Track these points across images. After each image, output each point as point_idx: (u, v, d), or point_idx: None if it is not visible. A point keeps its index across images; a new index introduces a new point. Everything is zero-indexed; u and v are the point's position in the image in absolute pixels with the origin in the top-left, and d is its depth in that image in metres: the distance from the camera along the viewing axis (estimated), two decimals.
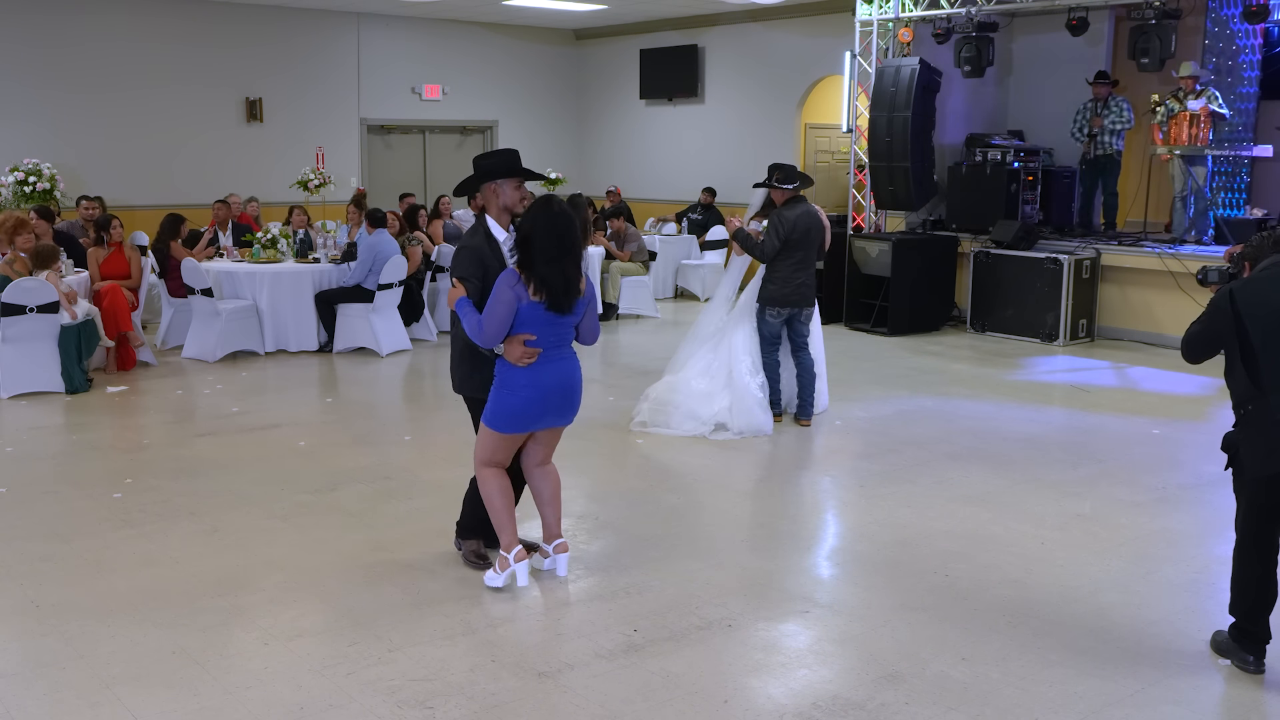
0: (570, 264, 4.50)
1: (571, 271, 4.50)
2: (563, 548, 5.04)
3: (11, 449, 7.19)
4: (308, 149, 14.55)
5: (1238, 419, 4.19)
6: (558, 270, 4.47)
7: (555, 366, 4.65)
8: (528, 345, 4.53)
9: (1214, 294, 4.49)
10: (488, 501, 4.83)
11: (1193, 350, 4.33)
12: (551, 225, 4.46)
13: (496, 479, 4.80)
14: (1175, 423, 8.11)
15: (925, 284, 11.84)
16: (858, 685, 4.08)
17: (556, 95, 17.34)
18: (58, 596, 4.81)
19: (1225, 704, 4.05)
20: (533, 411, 4.66)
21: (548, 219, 4.47)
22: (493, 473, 4.81)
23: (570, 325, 4.67)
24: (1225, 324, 4.12)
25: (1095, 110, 11.33)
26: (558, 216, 4.49)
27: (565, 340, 4.69)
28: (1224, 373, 4.25)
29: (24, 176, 12.01)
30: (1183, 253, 10.44)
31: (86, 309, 8.88)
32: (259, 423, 7.95)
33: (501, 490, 4.79)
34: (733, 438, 7.43)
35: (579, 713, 3.87)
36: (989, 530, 5.75)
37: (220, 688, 4.01)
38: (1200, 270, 4.75)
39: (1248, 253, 4.33)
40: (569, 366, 4.72)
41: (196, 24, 14.25)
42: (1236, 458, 4.19)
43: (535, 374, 4.61)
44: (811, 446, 7.40)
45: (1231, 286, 4.15)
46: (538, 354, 4.56)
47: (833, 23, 13.49)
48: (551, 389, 4.65)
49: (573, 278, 4.51)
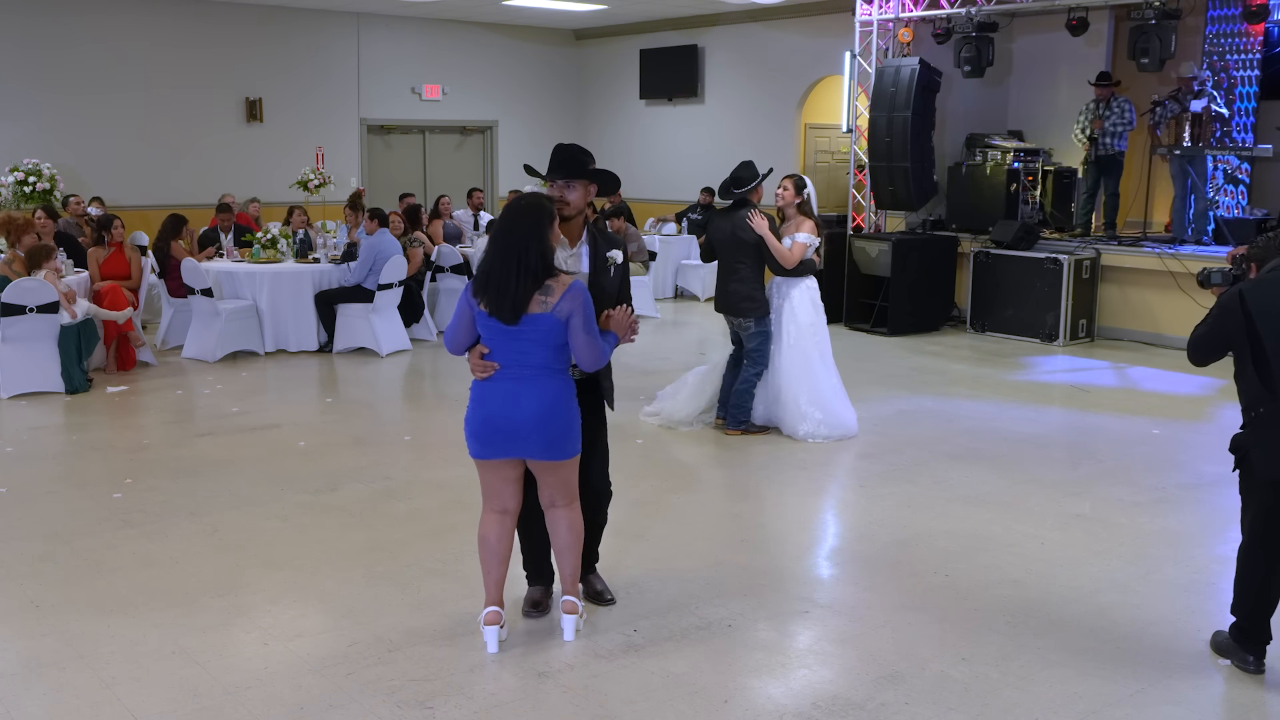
0: (513, 267, 3.94)
1: (512, 277, 3.94)
2: (569, 607, 4.37)
3: (11, 449, 7.19)
4: (308, 149, 14.55)
5: (1247, 421, 4.15)
6: (496, 273, 3.97)
7: (504, 388, 4.08)
8: (485, 359, 4.10)
9: (1218, 295, 4.47)
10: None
11: (1199, 352, 4.30)
12: (499, 225, 4.06)
13: (483, 523, 4.29)
14: (1175, 423, 8.10)
15: (925, 284, 11.84)
16: (858, 685, 4.07)
17: (556, 95, 17.34)
18: (58, 596, 4.81)
19: (1225, 704, 4.05)
20: (481, 434, 4.13)
21: (501, 219, 4.09)
22: (484, 515, 4.30)
23: (535, 342, 4.03)
24: (1235, 326, 4.08)
25: (1097, 111, 11.33)
26: (506, 216, 4.06)
27: (530, 360, 4.05)
28: (1233, 375, 4.21)
29: (24, 176, 12.01)
30: (1183, 253, 10.44)
31: (86, 308, 8.88)
32: (259, 423, 7.94)
33: (483, 537, 4.28)
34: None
35: (579, 713, 3.87)
36: (989, 530, 5.74)
37: (220, 688, 4.01)
38: (1201, 272, 4.71)
39: (1253, 254, 4.29)
40: (520, 390, 4.06)
41: (196, 24, 14.25)
42: (1246, 460, 4.15)
43: (482, 392, 4.14)
44: (812, 446, 7.40)
45: (1241, 288, 4.11)
46: (491, 369, 4.09)
47: (833, 23, 13.49)
48: (494, 413, 4.09)
49: (512, 284, 3.94)
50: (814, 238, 7.36)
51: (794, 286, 7.41)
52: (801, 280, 7.41)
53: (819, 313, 7.51)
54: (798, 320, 7.39)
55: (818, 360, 7.44)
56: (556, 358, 4.08)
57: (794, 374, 7.41)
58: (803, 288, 7.43)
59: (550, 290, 4.00)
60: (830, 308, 12.30)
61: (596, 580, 4.78)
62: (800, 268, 7.35)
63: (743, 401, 7.53)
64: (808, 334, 7.42)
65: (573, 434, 4.17)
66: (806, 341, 7.41)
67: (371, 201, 12.83)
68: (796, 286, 7.41)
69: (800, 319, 7.40)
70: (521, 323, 4.00)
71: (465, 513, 5.91)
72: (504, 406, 4.07)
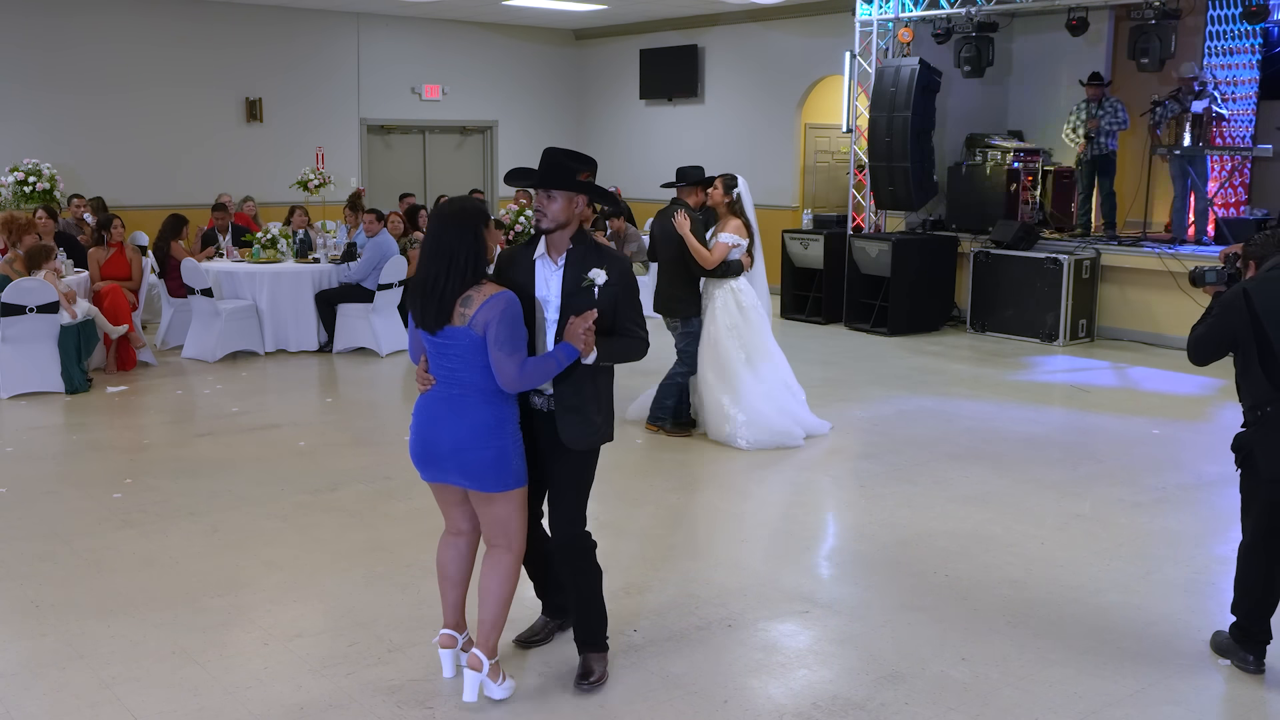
0: (443, 269, 3.64)
1: (441, 280, 3.64)
2: (473, 662, 3.85)
3: (11, 449, 7.19)
4: (308, 149, 14.54)
5: (1252, 420, 4.12)
6: (423, 279, 3.70)
7: (432, 407, 3.80)
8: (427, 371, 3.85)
9: (1211, 294, 4.46)
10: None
11: (1201, 352, 4.27)
12: (430, 229, 3.79)
13: (440, 544, 4.07)
14: (1175, 423, 8.10)
15: (925, 284, 11.84)
16: (858, 685, 4.08)
17: (556, 95, 17.33)
18: (58, 596, 4.81)
19: (1225, 704, 4.05)
20: (414, 453, 3.86)
21: (431, 221, 3.81)
22: (442, 535, 4.08)
23: (458, 359, 3.69)
24: (1240, 324, 4.06)
25: (1090, 111, 11.34)
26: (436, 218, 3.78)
27: (458, 379, 3.72)
28: (1236, 374, 4.19)
29: (24, 176, 12.00)
30: (1183, 253, 10.44)
31: (86, 309, 8.88)
32: (259, 423, 7.94)
33: (438, 560, 4.05)
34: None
35: (579, 713, 3.87)
36: (989, 530, 5.74)
37: (220, 688, 4.01)
38: (1194, 270, 4.66)
39: (1252, 251, 4.26)
40: (444, 412, 3.76)
41: (196, 24, 14.24)
42: (1249, 459, 4.13)
43: (418, 409, 3.87)
44: (812, 447, 7.40)
45: (1245, 286, 4.08)
46: (429, 383, 3.82)
47: (833, 23, 13.48)
48: (422, 433, 3.82)
49: (439, 289, 3.64)
50: (738, 238, 7.23)
51: (718, 288, 7.34)
52: (726, 282, 7.30)
53: (748, 315, 7.32)
54: (717, 322, 7.30)
55: (742, 364, 7.28)
56: (487, 378, 3.67)
57: (713, 376, 7.36)
58: (726, 289, 7.31)
59: (470, 301, 3.64)
60: (830, 308, 12.47)
61: (592, 660, 4.07)
62: (724, 269, 7.25)
63: (662, 399, 7.56)
64: (728, 336, 7.27)
65: (501, 466, 3.71)
66: (727, 344, 7.27)
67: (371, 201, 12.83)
68: (720, 288, 7.33)
69: (720, 320, 7.29)
70: (444, 335, 3.68)
71: None
72: (429, 427, 3.79)
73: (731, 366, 7.28)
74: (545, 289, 3.87)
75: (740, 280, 7.33)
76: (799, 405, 7.54)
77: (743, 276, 7.34)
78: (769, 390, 7.36)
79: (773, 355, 7.44)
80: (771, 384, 7.39)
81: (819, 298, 12.51)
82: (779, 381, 7.45)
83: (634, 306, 3.93)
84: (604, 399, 3.96)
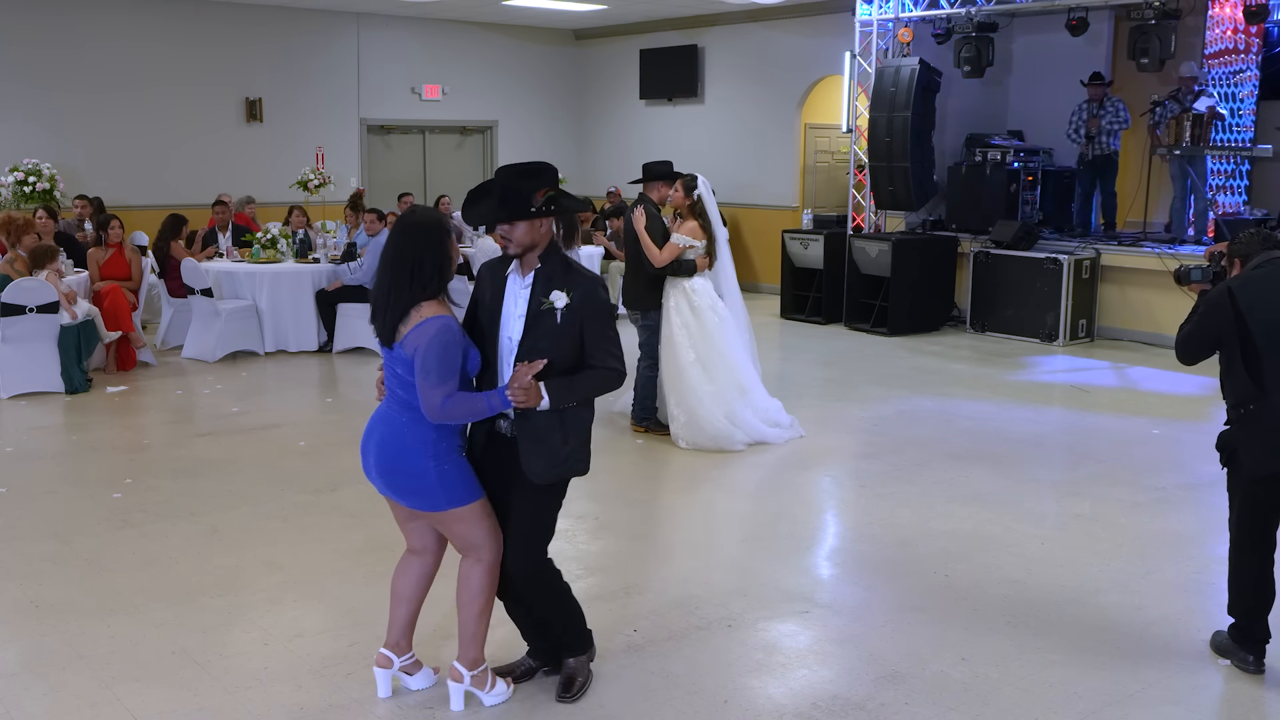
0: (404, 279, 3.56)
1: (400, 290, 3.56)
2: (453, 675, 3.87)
3: (11, 449, 7.19)
4: (308, 149, 14.54)
5: (1235, 419, 4.14)
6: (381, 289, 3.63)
7: (373, 417, 3.77)
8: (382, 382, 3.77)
9: (1196, 293, 4.47)
10: None
11: (1188, 351, 4.28)
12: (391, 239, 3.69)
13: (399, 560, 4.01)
14: (1175, 423, 8.10)
15: (925, 284, 11.84)
16: (858, 685, 4.08)
17: (556, 95, 17.33)
18: (58, 596, 4.81)
19: (1225, 704, 4.05)
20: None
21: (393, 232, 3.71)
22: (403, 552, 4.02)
23: (392, 373, 3.65)
24: (1225, 323, 4.08)
25: (1092, 111, 11.34)
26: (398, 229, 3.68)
27: (395, 393, 3.66)
28: (1220, 372, 4.21)
29: (24, 176, 12.00)
30: (1182, 253, 10.43)
31: (86, 309, 8.88)
32: (259, 423, 7.94)
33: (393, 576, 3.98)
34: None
35: (579, 713, 3.87)
36: (989, 530, 5.74)
37: (220, 688, 4.01)
38: (1179, 268, 4.66)
39: (1236, 250, 4.27)
40: (374, 422, 3.73)
41: (196, 24, 14.24)
42: (1234, 457, 4.15)
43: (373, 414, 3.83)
44: (811, 446, 7.40)
45: (1230, 285, 4.10)
46: (381, 393, 3.77)
47: (833, 23, 13.48)
48: (363, 437, 3.80)
49: (394, 298, 3.57)
50: (691, 240, 7.24)
51: (673, 287, 7.35)
52: (681, 281, 7.31)
53: (701, 315, 7.30)
54: (670, 321, 7.33)
55: (691, 363, 7.26)
56: (415, 395, 3.58)
57: (665, 373, 7.41)
58: (681, 289, 7.31)
59: (409, 320, 3.56)
60: (830, 308, 12.47)
61: (574, 667, 3.98)
62: (678, 268, 7.28)
63: (642, 398, 7.62)
64: (680, 334, 7.27)
65: (441, 485, 3.62)
66: (679, 342, 7.28)
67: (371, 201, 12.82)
68: (675, 287, 7.34)
69: (673, 319, 7.32)
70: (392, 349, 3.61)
71: None
72: (365, 439, 3.77)
73: (680, 365, 7.29)
74: (514, 305, 3.69)
75: (696, 280, 7.32)
76: (752, 411, 7.37)
77: (700, 277, 7.33)
78: (718, 392, 7.30)
79: (729, 357, 7.35)
80: (723, 386, 7.32)
81: (819, 298, 12.51)
82: (733, 385, 7.35)
83: (602, 333, 3.66)
84: (574, 428, 3.70)
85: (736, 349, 7.40)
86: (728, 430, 7.24)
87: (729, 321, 7.40)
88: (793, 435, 7.49)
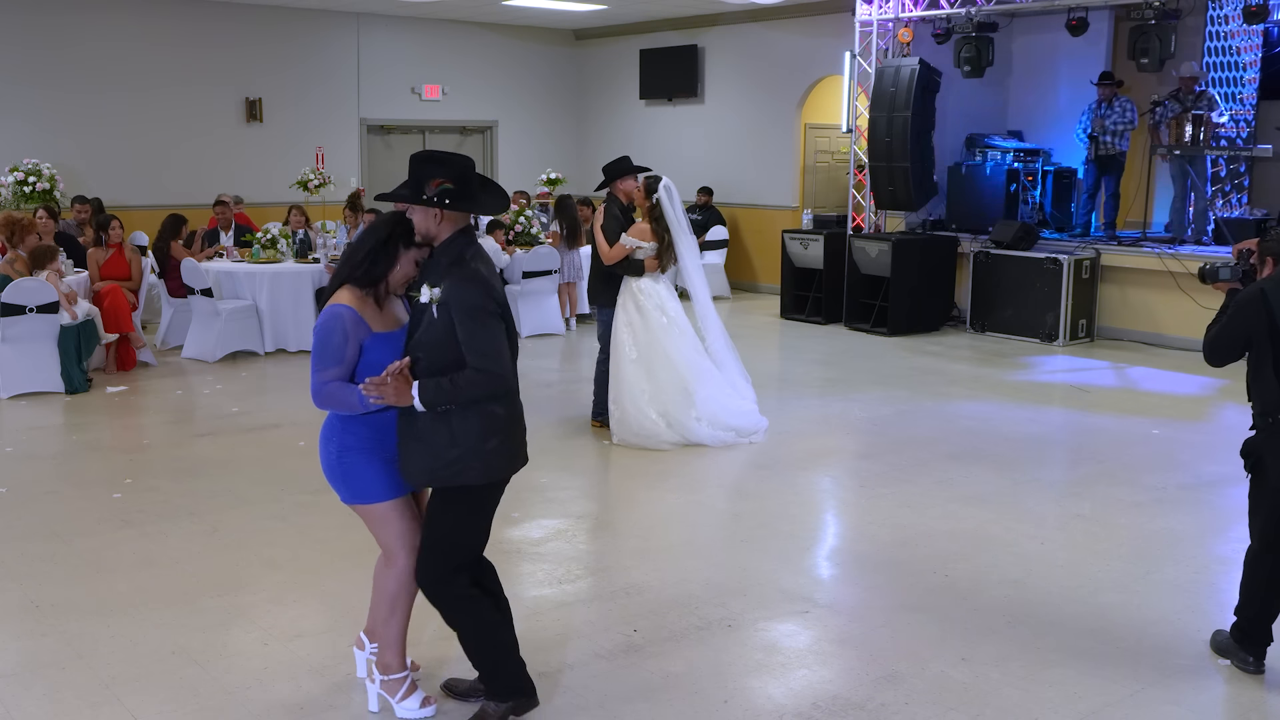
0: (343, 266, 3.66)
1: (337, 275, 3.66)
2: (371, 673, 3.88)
3: (11, 449, 7.19)
4: (308, 149, 14.53)
5: (1263, 426, 4.05)
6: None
7: None
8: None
9: (1224, 291, 4.35)
10: None
11: (1216, 353, 4.16)
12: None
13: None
14: (1175, 423, 8.10)
15: (925, 284, 11.84)
16: (858, 685, 4.07)
17: (556, 95, 17.33)
18: (58, 596, 4.81)
19: (1225, 704, 4.05)
20: None
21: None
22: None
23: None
24: (1257, 324, 3.97)
25: (1099, 110, 11.34)
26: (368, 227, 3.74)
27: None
28: (1248, 376, 4.12)
29: (24, 176, 12.00)
30: (1182, 253, 10.44)
31: (86, 309, 8.88)
32: (259, 423, 7.94)
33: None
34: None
35: (579, 713, 3.87)
36: (989, 530, 5.74)
37: (220, 688, 4.01)
38: (1204, 265, 4.45)
39: (1269, 248, 4.12)
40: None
41: (196, 24, 14.24)
42: (1260, 465, 4.07)
43: None
44: (812, 447, 7.40)
45: (1263, 286, 3.99)
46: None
47: (833, 23, 13.48)
48: None
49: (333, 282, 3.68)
50: (639, 241, 7.28)
51: (625, 286, 7.41)
52: (631, 281, 7.37)
53: (647, 316, 7.32)
54: (618, 319, 7.41)
55: (631, 362, 7.30)
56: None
57: (610, 370, 7.48)
58: (630, 289, 7.37)
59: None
60: (830, 308, 12.47)
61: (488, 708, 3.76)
62: (627, 268, 7.34)
63: (597, 393, 7.68)
64: (624, 334, 7.35)
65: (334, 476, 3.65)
66: (623, 339, 7.34)
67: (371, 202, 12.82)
68: (627, 286, 7.40)
69: (619, 318, 7.40)
70: None
71: None
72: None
73: (620, 362, 7.36)
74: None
75: (644, 281, 7.35)
76: (689, 415, 7.30)
77: (650, 279, 7.36)
78: (655, 392, 7.31)
79: (673, 358, 7.32)
80: (662, 386, 7.32)
81: (819, 298, 12.51)
82: (675, 386, 7.32)
83: (470, 333, 3.42)
84: (461, 431, 3.47)
85: (684, 351, 7.36)
86: (655, 429, 7.27)
87: (680, 324, 7.39)
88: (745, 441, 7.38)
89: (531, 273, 11.53)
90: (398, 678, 3.82)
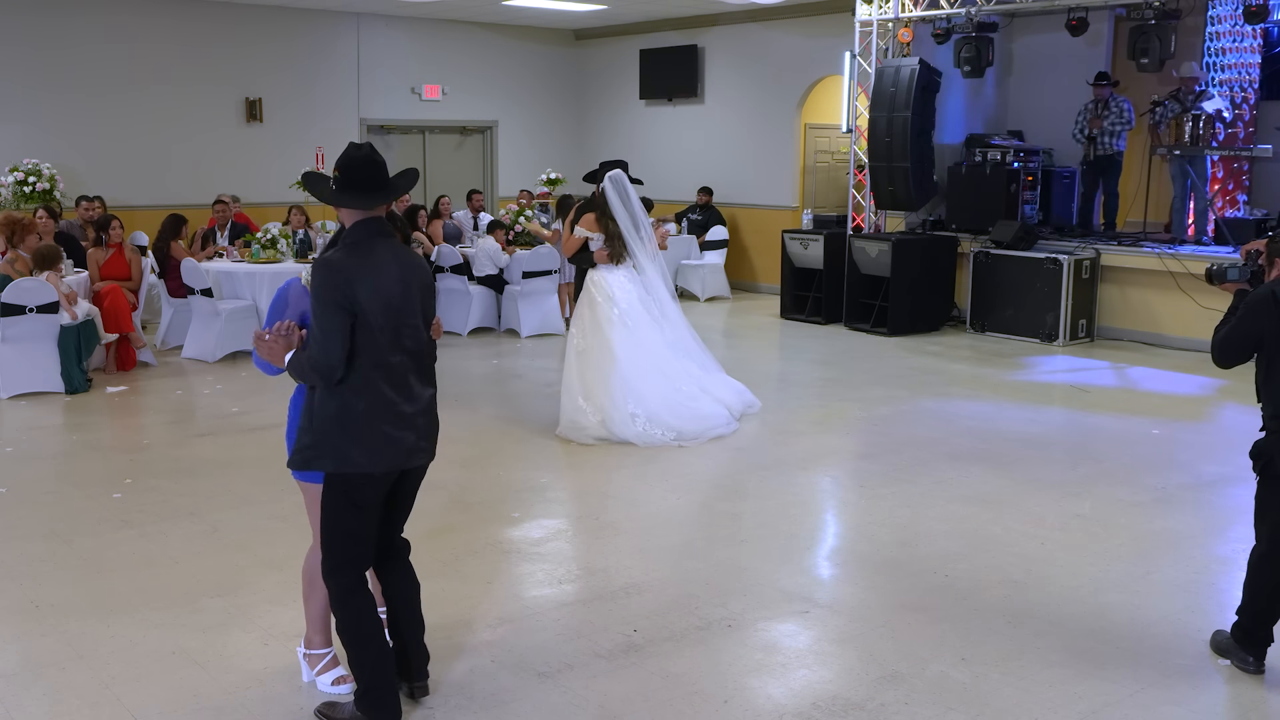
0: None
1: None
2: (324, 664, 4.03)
3: (11, 449, 7.19)
4: (308, 149, 14.51)
5: (1274, 428, 4.02)
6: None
7: None
8: None
9: (1231, 291, 4.33)
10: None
11: (1225, 355, 4.14)
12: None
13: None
14: (1175, 423, 8.10)
15: (925, 284, 11.84)
16: (858, 685, 4.07)
17: (556, 95, 17.33)
18: (58, 596, 4.81)
19: (1225, 704, 4.05)
20: None
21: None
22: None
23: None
24: (1268, 326, 3.96)
25: (1095, 111, 11.34)
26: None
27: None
28: (1257, 378, 4.11)
29: (24, 176, 12.00)
30: (1182, 253, 10.44)
31: (86, 309, 8.88)
32: (259, 423, 7.94)
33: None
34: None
35: (579, 713, 3.87)
36: (989, 530, 5.74)
37: (220, 688, 4.00)
38: (1211, 266, 4.43)
39: (1277, 249, 4.09)
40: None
41: (196, 24, 14.23)
42: (1270, 468, 4.06)
43: None
44: (812, 447, 7.40)
45: (1273, 287, 3.98)
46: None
47: (833, 23, 13.48)
48: None
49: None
50: (587, 232, 7.41)
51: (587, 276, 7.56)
52: (591, 273, 7.50)
53: (595, 309, 7.39)
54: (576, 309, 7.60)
55: (575, 352, 7.43)
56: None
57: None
58: (588, 279, 7.52)
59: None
60: (830, 308, 12.47)
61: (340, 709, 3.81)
62: (581, 258, 7.49)
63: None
64: (574, 324, 7.52)
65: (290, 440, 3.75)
66: (573, 331, 7.52)
67: None
68: (586, 278, 7.56)
69: (576, 309, 7.57)
70: None
71: (465, 513, 5.92)
72: None
73: (567, 350, 7.54)
74: None
75: (599, 273, 7.44)
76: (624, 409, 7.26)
77: (605, 270, 7.42)
78: (587, 384, 7.36)
79: (615, 352, 7.30)
80: (598, 377, 7.34)
81: (819, 298, 12.51)
82: (619, 382, 7.30)
83: (313, 316, 3.50)
84: (320, 418, 3.55)
85: (627, 347, 7.33)
86: (583, 420, 7.33)
87: (632, 317, 7.39)
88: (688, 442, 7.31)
89: (531, 273, 11.53)
90: (318, 653, 4.01)
